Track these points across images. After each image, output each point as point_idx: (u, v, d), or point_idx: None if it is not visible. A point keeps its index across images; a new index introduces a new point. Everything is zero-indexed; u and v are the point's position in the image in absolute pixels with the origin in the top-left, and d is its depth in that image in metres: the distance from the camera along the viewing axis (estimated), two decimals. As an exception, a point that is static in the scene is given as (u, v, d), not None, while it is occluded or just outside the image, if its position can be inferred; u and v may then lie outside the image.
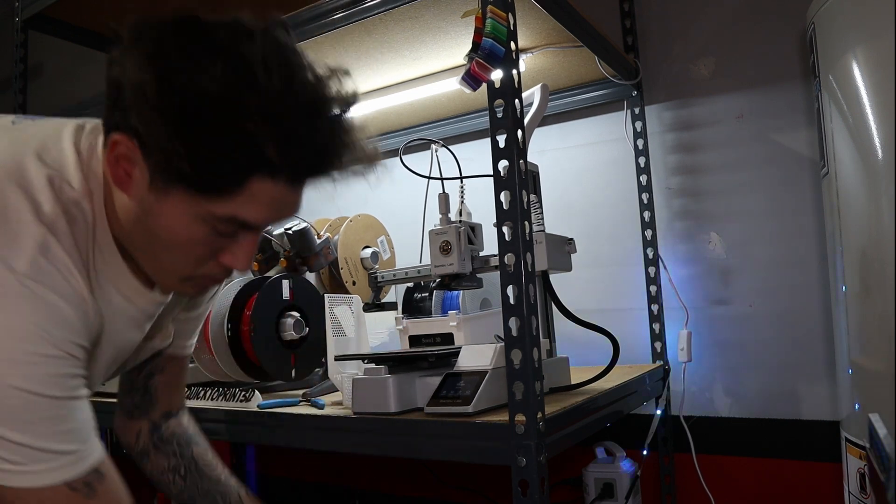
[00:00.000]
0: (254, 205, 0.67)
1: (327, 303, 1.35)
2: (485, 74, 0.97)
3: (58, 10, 1.81)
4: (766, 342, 1.56)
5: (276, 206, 0.69)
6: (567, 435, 1.06)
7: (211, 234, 0.69)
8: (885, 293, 0.97)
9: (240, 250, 0.72)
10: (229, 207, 0.67)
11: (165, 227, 0.69)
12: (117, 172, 0.68)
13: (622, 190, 1.73)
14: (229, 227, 0.69)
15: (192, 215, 0.67)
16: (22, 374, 0.62)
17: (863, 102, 1.03)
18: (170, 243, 0.70)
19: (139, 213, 0.69)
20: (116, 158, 0.68)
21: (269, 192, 0.67)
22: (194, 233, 0.69)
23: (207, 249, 0.71)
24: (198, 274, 0.74)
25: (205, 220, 0.68)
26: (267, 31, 0.66)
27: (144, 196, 0.68)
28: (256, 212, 0.68)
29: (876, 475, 0.83)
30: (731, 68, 1.62)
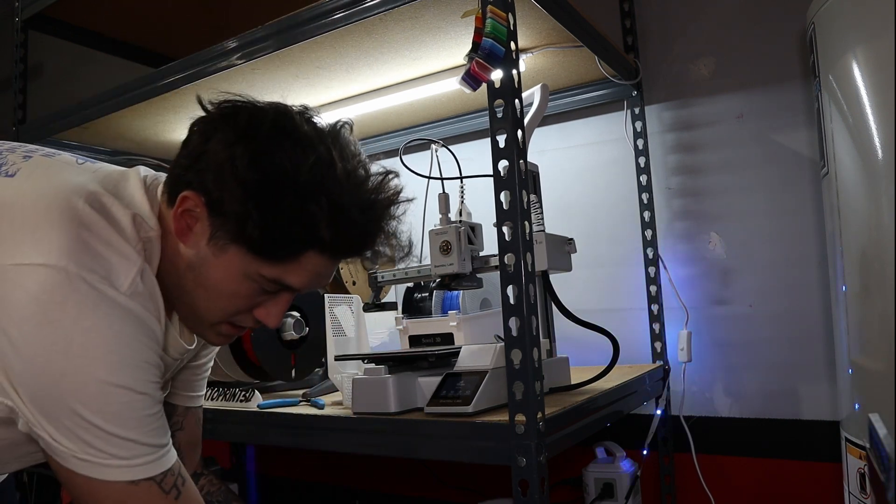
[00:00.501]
0: (300, 273, 0.77)
1: (327, 303, 1.35)
2: (485, 74, 0.97)
3: (58, 10, 1.81)
4: (766, 342, 1.56)
5: (316, 275, 0.79)
6: (567, 435, 1.06)
7: (255, 291, 0.78)
8: (885, 293, 0.97)
9: (274, 308, 0.81)
10: (278, 272, 0.77)
11: (215, 279, 0.77)
12: (180, 224, 0.77)
13: (622, 190, 1.73)
14: (273, 286, 0.78)
15: (243, 272, 0.77)
16: (130, 376, 0.70)
17: (863, 102, 1.03)
18: (215, 293, 0.79)
19: (193, 262, 0.78)
20: (182, 212, 0.76)
21: (316, 263, 0.77)
22: (241, 287, 0.78)
23: (247, 303, 0.80)
24: (229, 323, 0.82)
25: (253, 278, 0.77)
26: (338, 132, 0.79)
27: (202, 248, 0.77)
28: (300, 279, 0.78)
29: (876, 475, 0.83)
30: (731, 68, 1.62)
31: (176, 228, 0.77)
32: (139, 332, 0.71)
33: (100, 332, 0.68)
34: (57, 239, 0.68)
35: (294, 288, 0.79)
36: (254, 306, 0.81)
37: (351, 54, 1.40)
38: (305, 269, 0.77)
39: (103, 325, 0.68)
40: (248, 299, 0.79)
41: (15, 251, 0.68)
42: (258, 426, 1.25)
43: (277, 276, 0.77)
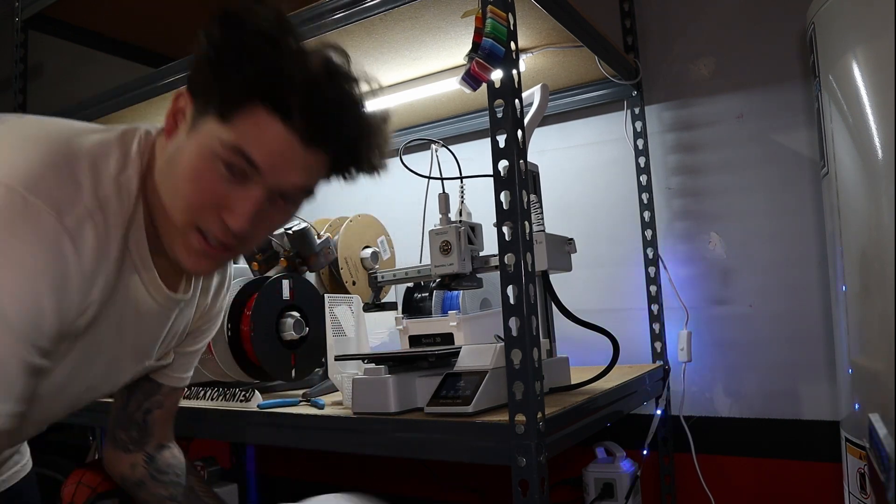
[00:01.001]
0: (256, 138, 0.72)
1: (327, 303, 1.35)
2: (485, 74, 0.97)
3: (58, 10, 1.81)
4: (766, 342, 1.56)
5: (277, 152, 0.73)
6: (567, 435, 1.06)
7: (218, 171, 0.73)
8: (885, 293, 0.97)
9: (240, 204, 0.74)
10: (236, 135, 0.72)
11: (185, 161, 0.74)
12: (169, 125, 0.77)
13: (622, 190, 1.73)
14: (234, 159, 0.73)
15: (206, 147, 0.73)
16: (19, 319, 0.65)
17: (863, 102, 1.03)
18: (182, 179, 0.75)
19: (172, 156, 0.76)
20: (173, 113, 0.77)
21: (272, 128, 0.72)
22: (204, 167, 0.73)
23: (211, 190, 0.74)
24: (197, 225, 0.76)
25: (215, 152, 0.73)
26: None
27: (180, 141, 0.75)
28: (258, 147, 0.72)
29: (876, 475, 0.83)
30: (731, 68, 1.62)
31: (166, 130, 0.78)
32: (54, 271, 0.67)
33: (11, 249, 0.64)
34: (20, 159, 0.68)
35: (254, 160, 0.72)
36: (219, 202, 0.74)
37: (351, 54, 1.40)
38: (261, 132, 0.72)
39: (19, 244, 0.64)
40: (211, 183, 0.74)
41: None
42: (258, 426, 1.25)
43: (234, 140, 0.72)
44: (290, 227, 1.57)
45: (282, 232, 1.59)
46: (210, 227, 0.76)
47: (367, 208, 1.98)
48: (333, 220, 1.74)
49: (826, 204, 1.18)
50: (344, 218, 1.74)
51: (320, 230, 1.68)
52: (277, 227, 0.85)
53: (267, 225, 0.80)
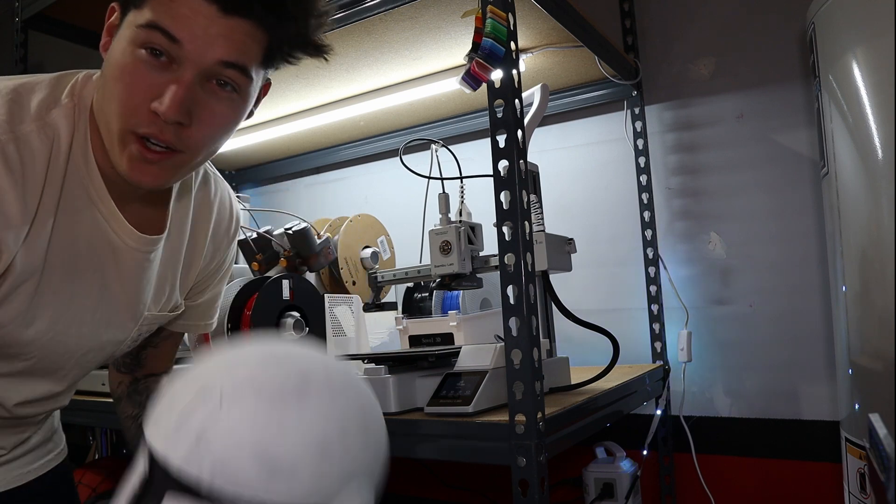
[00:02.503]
0: (172, 11, 0.68)
1: (327, 303, 1.35)
2: (485, 74, 0.97)
3: (58, 10, 1.81)
4: (766, 342, 1.56)
5: (200, 27, 0.68)
6: (567, 435, 1.06)
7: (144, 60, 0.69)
8: (885, 293, 0.97)
9: (168, 89, 0.69)
10: (149, 12, 0.68)
11: (113, 60, 0.71)
12: (104, 40, 0.74)
13: (622, 190, 1.73)
14: (151, 36, 0.68)
15: (127, 39, 0.70)
16: None
17: (863, 102, 1.03)
18: (111, 82, 0.71)
19: (104, 69, 0.73)
20: (108, 29, 0.74)
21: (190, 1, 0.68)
22: (128, 58, 0.69)
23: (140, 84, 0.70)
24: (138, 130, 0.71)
25: (134, 39, 0.69)
26: None
27: (109, 49, 0.73)
28: (176, 20, 0.68)
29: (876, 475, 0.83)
30: (731, 68, 1.62)
31: (101, 47, 0.74)
32: None
33: None
34: None
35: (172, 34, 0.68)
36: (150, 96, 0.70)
37: (351, 54, 1.40)
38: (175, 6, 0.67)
39: None
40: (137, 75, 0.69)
41: None
42: (258, 426, 1.24)
43: (149, 19, 0.67)
44: (290, 228, 1.57)
45: (282, 232, 1.59)
46: (146, 127, 0.71)
47: (367, 208, 1.98)
48: (333, 220, 1.74)
49: (826, 204, 1.18)
50: (344, 218, 1.74)
51: (320, 230, 1.68)
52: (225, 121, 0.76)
53: (209, 115, 0.73)
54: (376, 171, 2.16)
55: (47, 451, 1.00)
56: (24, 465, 0.94)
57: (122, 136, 0.72)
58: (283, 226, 1.60)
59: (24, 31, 1.87)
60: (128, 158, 0.72)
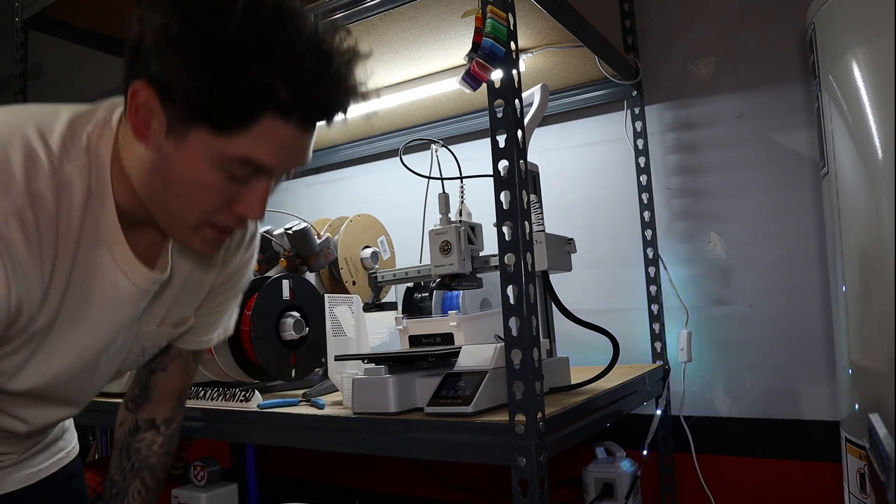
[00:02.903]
0: (266, 145, 0.69)
1: (327, 303, 1.35)
2: (485, 74, 0.97)
3: (58, 10, 1.81)
4: (766, 342, 1.56)
5: (286, 150, 0.71)
6: (567, 435, 1.06)
7: (225, 179, 0.71)
8: (885, 293, 0.97)
9: (253, 198, 0.74)
10: (242, 147, 0.69)
11: (182, 174, 0.70)
12: (136, 123, 0.71)
13: (622, 190, 1.73)
14: (243, 169, 0.71)
15: (207, 160, 0.69)
16: None
17: (863, 102, 1.03)
18: (185, 190, 0.72)
19: (156, 163, 0.71)
20: (136, 108, 0.70)
21: (280, 132, 0.69)
22: (210, 179, 0.70)
23: (222, 197, 0.73)
24: (210, 222, 0.75)
25: (220, 164, 0.70)
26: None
27: (162, 144, 0.70)
28: (268, 153, 0.70)
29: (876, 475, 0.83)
30: (731, 68, 1.62)
31: (134, 129, 0.71)
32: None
33: None
34: None
35: (265, 166, 0.71)
36: (230, 200, 0.73)
37: (351, 54, 1.40)
38: (270, 139, 0.69)
39: None
40: (220, 192, 0.72)
41: None
42: (258, 426, 1.25)
43: (243, 154, 0.69)
44: (290, 228, 1.57)
45: (282, 232, 1.59)
46: (224, 221, 0.75)
47: (366, 208, 1.98)
48: (333, 220, 1.74)
49: (826, 204, 1.18)
50: (344, 218, 1.74)
51: (320, 230, 1.68)
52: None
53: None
54: (376, 171, 2.16)
55: (59, 448, 1.01)
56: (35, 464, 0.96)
57: (198, 225, 0.75)
58: (283, 226, 1.60)
59: (24, 31, 1.87)
60: (201, 241, 0.77)
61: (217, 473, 1.93)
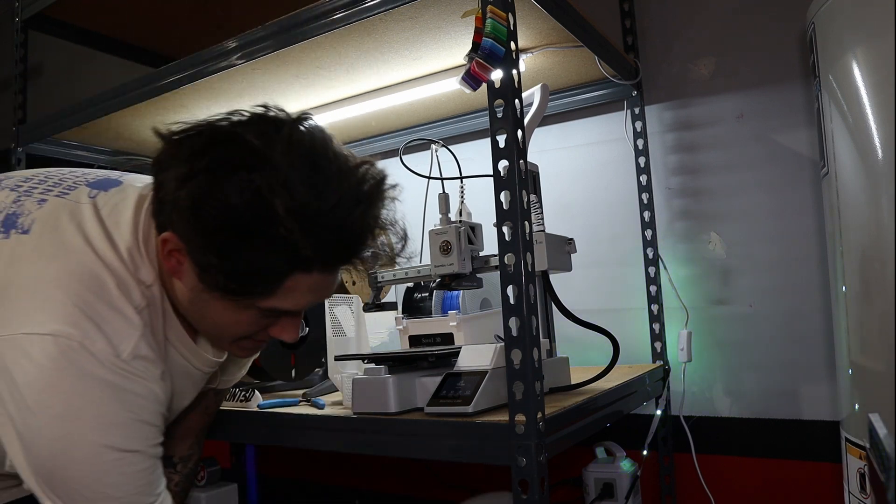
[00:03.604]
0: (292, 297, 0.75)
1: (327, 303, 1.35)
2: (485, 74, 0.97)
3: (58, 10, 1.81)
4: (766, 342, 1.56)
5: (313, 293, 0.76)
6: (567, 435, 1.06)
7: (257, 317, 0.78)
8: (885, 293, 0.97)
9: (284, 329, 0.81)
10: (272, 302, 0.75)
11: (215, 316, 0.78)
12: (171, 264, 0.76)
13: (622, 190, 1.73)
14: (272, 314, 0.78)
15: (236, 309, 0.76)
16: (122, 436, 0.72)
17: (863, 102, 1.03)
18: (221, 326, 0.80)
19: (192, 298, 0.78)
20: (169, 252, 0.75)
21: (306, 283, 0.74)
22: (242, 319, 0.78)
23: (256, 328, 0.80)
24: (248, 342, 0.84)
25: (251, 310, 0.77)
26: (294, 128, 0.71)
27: (195, 286, 0.76)
28: (296, 301, 0.75)
29: (876, 475, 0.83)
30: (731, 68, 1.62)
31: (168, 269, 0.77)
32: (136, 395, 0.73)
33: (95, 396, 0.69)
34: (62, 307, 0.70)
35: (291, 312, 0.78)
36: (267, 326, 0.81)
37: (351, 54, 1.40)
38: (299, 291, 0.74)
39: (99, 390, 0.70)
40: (253, 325, 0.80)
41: (24, 320, 0.70)
42: (258, 426, 1.25)
43: (273, 306, 0.75)
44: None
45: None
46: (261, 338, 0.84)
47: (367, 208, 1.97)
48: (333, 220, 1.74)
49: (826, 204, 1.18)
50: (344, 218, 1.73)
51: (320, 230, 1.68)
52: None
53: None
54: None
55: None
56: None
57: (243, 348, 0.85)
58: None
59: (24, 31, 1.87)
60: (239, 349, 0.87)
61: (217, 473, 1.93)
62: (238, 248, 0.68)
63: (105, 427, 0.70)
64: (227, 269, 0.70)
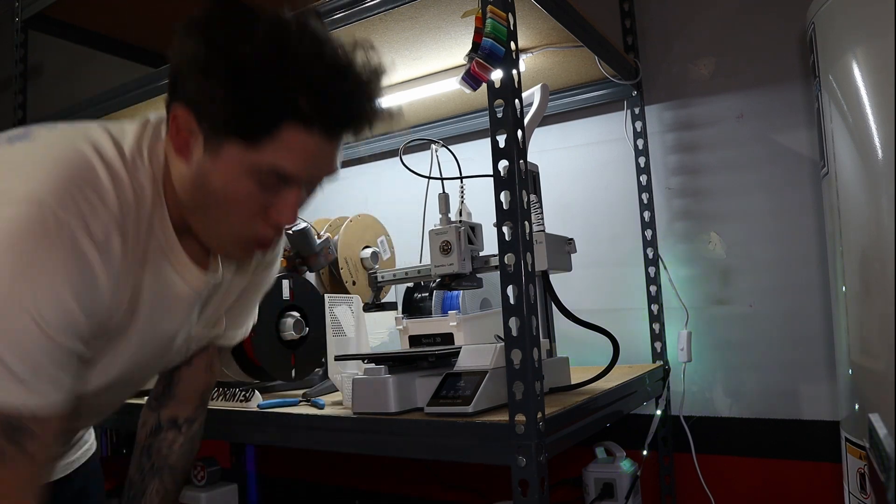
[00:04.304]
0: (290, 154, 0.75)
1: (327, 303, 1.35)
2: (485, 74, 0.97)
3: (58, 10, 1.82)
4: (766, 342, 1.56)
5: (311, 158, 0.77)
6: (567, 435, 1.06)
7: (257, 188, 0.77)
8: (885, 293, 0.97)
9: (284, 205, 0.79)
10: (269, 157, 0.75)
11: (219, 186, 0.77)
12: (178, 142, 0.78)
13: (622, 190, 1.73)
14: (271, 179, 0.76)
15: (240, 171, 0.76)
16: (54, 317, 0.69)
17: (863, 102, 1.03)
18: (223, 201, 0.78)
19: (196, 178, 0.78)
20: (177, 129, 0.77)
21: (303, 141, 0.75)
22: (242, 187, 0.77)
23: (256, 205, 0.79)
24: (249, 233, 0.81)
25: (251, 174, 0.76)
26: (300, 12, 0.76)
27: (200, 160, 0.76)
28: (292, 162, 0.76)
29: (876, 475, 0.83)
30: (731, 68, 1.62)
31: (176, 148, 0.78)
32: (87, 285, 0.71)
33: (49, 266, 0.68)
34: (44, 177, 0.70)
35: (290, 174, 0.77)
36: (265, 209, 0.80)
37: (351, 54, 1.40)
38: (295, 149, 0.75)
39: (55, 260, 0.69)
40: (254, 200, 0.78)
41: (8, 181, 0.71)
42: (258, 426, 1.25)
43: (270, 163, 0.75)
44: (290, 228, 1.57)
45: (282, 232, 1.59)
46: (262, 231, 0.81)
47: (367, 208, 1.98)
48: (333, 220, 1.74)
49: (826, 204, 1.18)
50: (344, 218, 1.74)
51: (320, 230, 1.68)
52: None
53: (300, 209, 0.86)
54: (376, 171, 2.16)
55: (84, 441, 1.07)
56: (69, 455, 1.02)
57: (243, 242, 0.83)
58: (283, 226, 1.60)
59: (24, 31, 1.87)
60: (243, 251, 0.85)
61: (217, 473, 1.93)
62: (246, 84, 0.72)
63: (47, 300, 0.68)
64: (234, 102, 0.72)
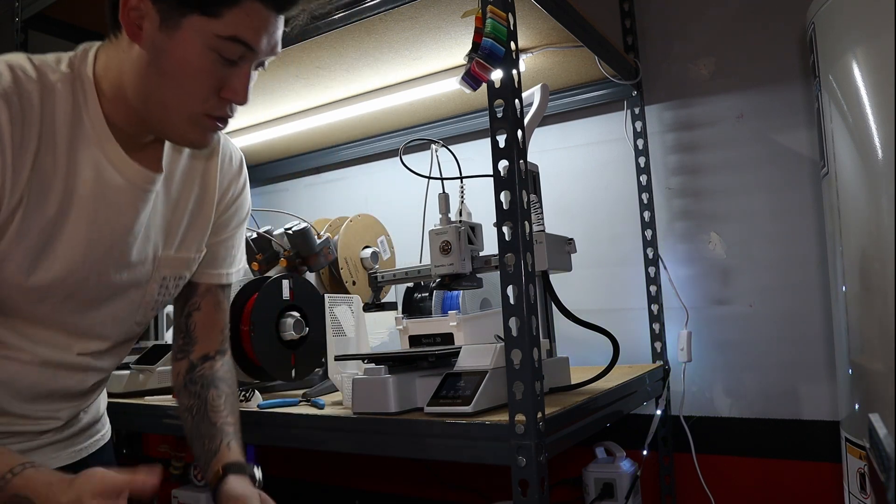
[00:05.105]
0: (250, 24, 0.79)
1: (327, 303, 1.35)
2: (485, 74, 0.97)
3: (58, 10, 1.81)
4: (766, 342, 1.56)
5: (265, 32, 0.81)
6: (567, 435, 1.06)
7: (217, 61, 0.79)
8: (885, 293, 0.97)
9: (238, 81, 0.82)
10: (231, 26, 0.78)
11: (177, 60, 0.79)
12: (130, 26, 0.79)
13: (622, 190, 1.73)
14: (232, 49, 0.79)
15: (200, 43, 0.78)
16: None
17: (863, 102, 1.03)
18: (181, 76, 0.80)
19: (151, 58, 0.79)
20: (129, 14, 0.78)
21: (260, 14, 0.79)
22: (202, 61, 0.79)
23: (213, 80, 0.81)
24: (203, 110, 0.83)
25: (211, 45, 0.78)
26: None
27: (156, 39, 0.78)
28: (253, 32, 0.79)
29: (876, 475, 0.83)
30: (731, 68, 1.62)
31: (128, 32, 0.79)
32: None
33: None
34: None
35: (251, 43, 0.79)
36: (220, 86, 0.81)
37: (351, 54, 1.40)
38: (253, 18, 0.78)
39: None
40: (211, 75, 0.80)
41: None
42: (258, 426, 1.25)
43: (232, 32, 0.78)
44: (290, 228, 1.57)
45: (282, 232, 1.59)
46: (220, 111, 0.83)
47: (367, 208, 1.98)
48: (333, 220, 1.74)
49: (826, 204, 1.18)
50: (344, 218, 1.74)
51: (320, 230, 1.68)
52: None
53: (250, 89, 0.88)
54: (376, 171, 2.16)
55: (96, 431, 1.07)
56: (77, 443, 1.03)
57: (195, 119, 0.83)
58: (283, 226, 1.60)
59: (24, 31, 1.87)
60: (200, 133, 0.85)
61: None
62: None
63: None
64: None
